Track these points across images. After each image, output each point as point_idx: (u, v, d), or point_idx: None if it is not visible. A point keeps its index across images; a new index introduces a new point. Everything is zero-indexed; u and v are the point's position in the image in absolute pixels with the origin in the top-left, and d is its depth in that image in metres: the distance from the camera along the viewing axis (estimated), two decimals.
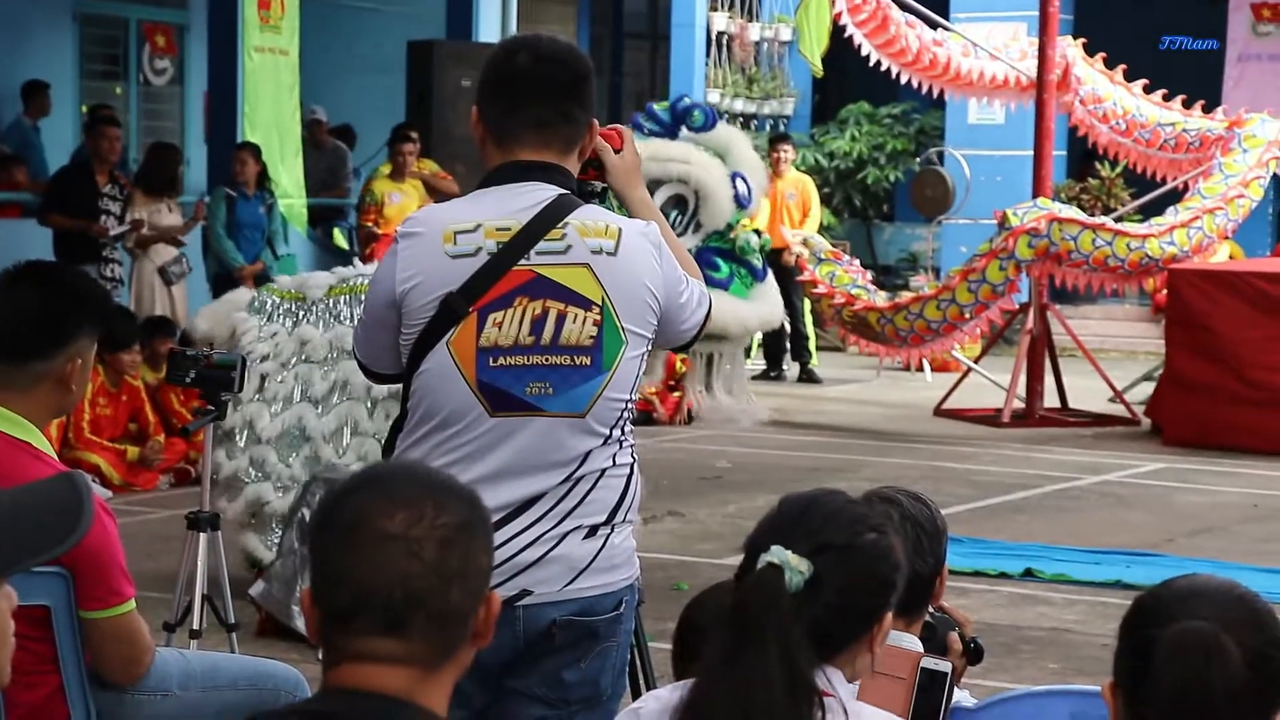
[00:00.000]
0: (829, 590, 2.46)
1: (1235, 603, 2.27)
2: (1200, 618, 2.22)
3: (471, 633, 2.15)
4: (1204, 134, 13.94)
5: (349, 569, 2.10)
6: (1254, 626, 2.25)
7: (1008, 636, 7.38)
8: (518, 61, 3.48)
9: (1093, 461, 11.77)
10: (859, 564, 2.51)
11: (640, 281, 3.43)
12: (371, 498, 2.12)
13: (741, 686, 2.37)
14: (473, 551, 2.13)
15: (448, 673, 2.15)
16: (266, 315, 7.52)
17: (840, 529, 2.51)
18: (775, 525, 2.52)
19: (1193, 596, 2.27)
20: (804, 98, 20.69)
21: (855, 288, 13.48)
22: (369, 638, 2.10)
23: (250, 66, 13.02)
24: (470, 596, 2.13)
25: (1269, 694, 2.23)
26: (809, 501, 2.55)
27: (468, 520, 2.14)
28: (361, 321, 3.57)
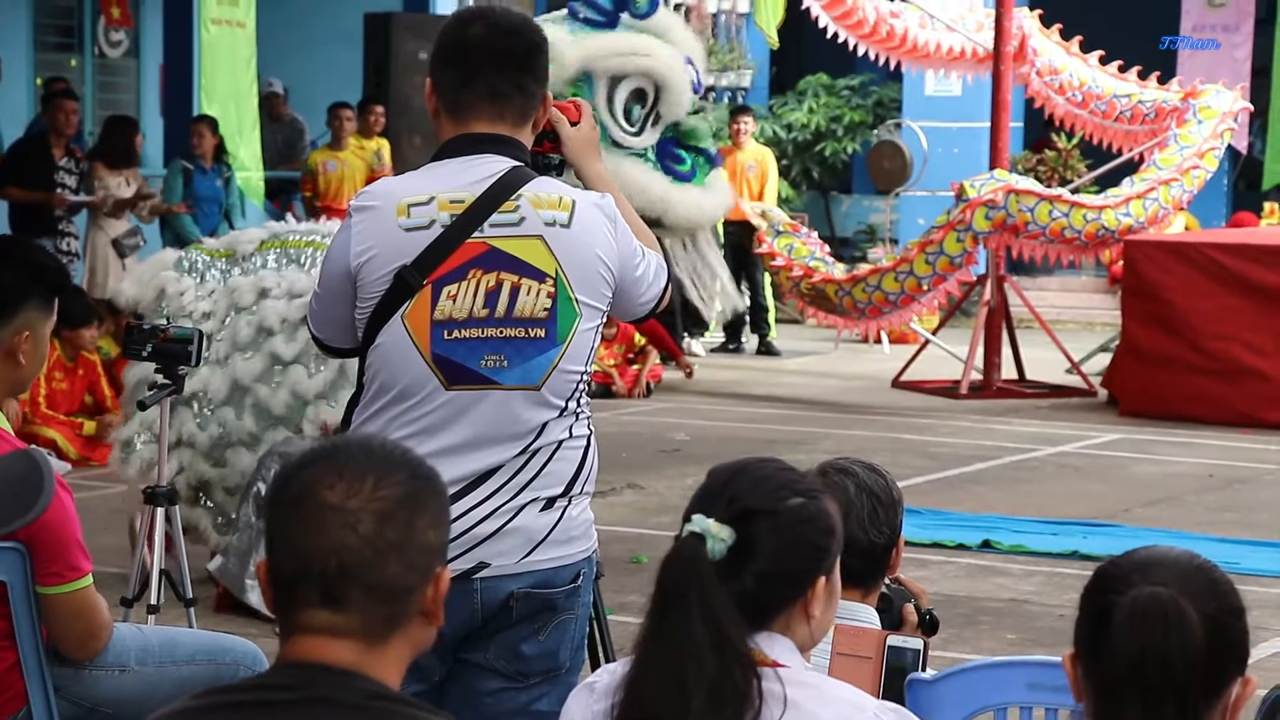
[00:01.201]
0: (757, 557, 2.45)
1: (1194, 571, 2.28)
2: (1160, 584, 2.24)
3: (420, 610, 2.14)
4: (1159, 105, 13.99)
5: (292, 540, 2.12)
6: (1212, 594, 2.26)
7: (966, 608, 7.42)
8: (471, 33, 3.48)
9: (1050, 433, 11.82)
10: (785, 529, 2.48)
11: (594, 253, 3.43)
12: (318, 470, 2.13)
13: (672, 657, 2.37)
14: (415, 527, 2.12)
15: (396, 647, 2.14)
16: (199, 275, 7.36)
17: (765, 495, 2.49)
18: (701, 495, 2.51)
19: (1153, 565, 2.29)
20: (761, 70, 20.68)
21: (813, 260, 13.49)
22: (311, 610, 2.11)
23: (207, 39, 12.93)
24: (411, 572, 2.11)
25: (1225, 661, 2.25)
26: (736, 469, 2.54)
27: (411, 494, 2.13)
28: (316, 295, 3.55)
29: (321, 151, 14.33)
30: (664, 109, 6.77)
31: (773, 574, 2.47)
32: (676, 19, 7.24)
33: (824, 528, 2.52)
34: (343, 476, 2.11)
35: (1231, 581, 2.32)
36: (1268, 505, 9.59)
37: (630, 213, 3.62)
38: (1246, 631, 2.29)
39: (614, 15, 6.85)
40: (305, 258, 7.29)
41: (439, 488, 2.19)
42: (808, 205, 19.70)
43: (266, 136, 14.16)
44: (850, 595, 3.22)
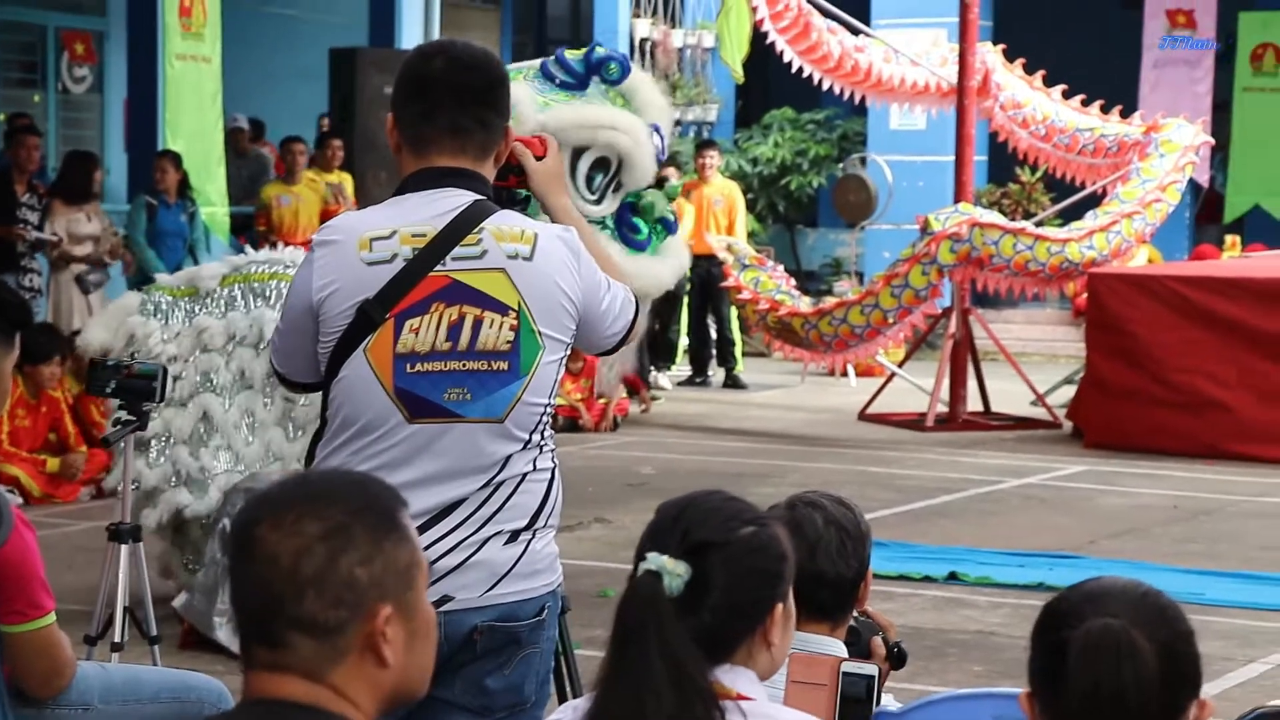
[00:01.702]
0: (713, 589, 2.45)
1: (1142, 600, 2.29)
2: (1111, 616, 2.25)
3: (361, 648, 2.10)
4: (1121, 139, 14.08)
5: (234, 580, 2.14)
6: (1162, 622, 2.27)
7: (933, 640, 7.42)
8: (433, 67, 3.48)
9: (1015, 465, 11.85)
10: (739, 559, 2.48)
11: (556, 286, 3.43)
12: (255, 508, 2.13)
13: (632, 694, 2.36)
14: (336, 563, 2.08)
15: (348, 687, 2.10)
16: (163, 316, 7.35)
17: (716, 527, 2.49)
18: (653, 532, 2.51)
19: (1102, 596, 2.29)
20: (727, 104, 20.75)
21: (779, 293, 13.52)
22: (254, 646, 2.12)
23: (172, 74, 12.92)
24: (334, 607, 2.07)
25: (1179, 687, 2.26)
26: (684, 504, 2.53)
27: (337, 529, 2.09)
28: (279, 330, 3.55)
29: (275, 185, 14.35)
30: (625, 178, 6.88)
31: (731, 605, 2.48)
32: (646, 79, 7.34)
33: (776, 554, 2.53)
34: (272, 513, 2.11)
35: (1178, 607, 2.32)
36: (1231, 536, 9.63)
37: (595, 245, 3.63)
38: (1198, 655, 2.30)
39: (585, 79, 6.93)
40: (270, 291, 7.28)
41: (382, 524, 2.13)
42: (773, 239, 19.75)
43: (231, 171, 14.16)
44: (819, 629, 3.21)
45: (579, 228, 3.61)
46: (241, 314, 7.22)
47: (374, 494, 2.16)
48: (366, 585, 2.09)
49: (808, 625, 3.17)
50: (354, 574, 2.08)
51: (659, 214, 7.05)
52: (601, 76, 7.04)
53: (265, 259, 7.51)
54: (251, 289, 7.29)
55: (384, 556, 2.10)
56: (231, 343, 7.25)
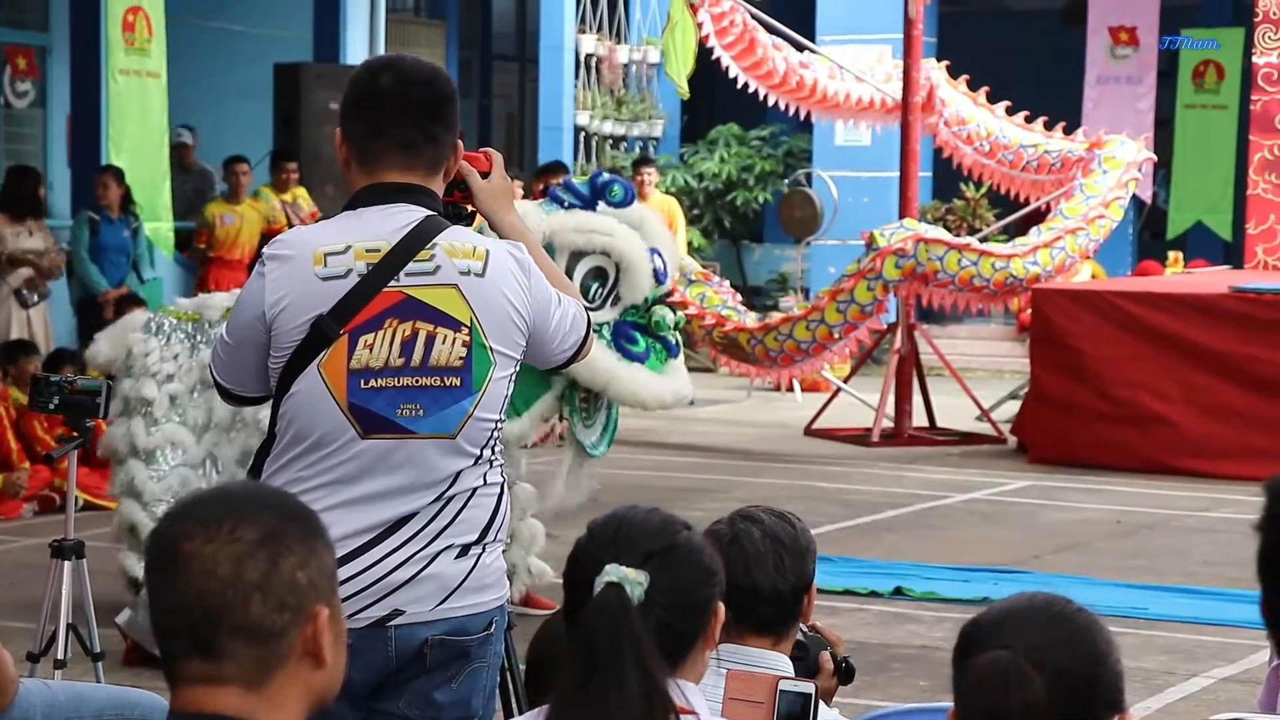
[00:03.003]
0: (661, 594, 2.53)
1: (1048, 624, 2.34)
2: (1006, 645, 2.30)
3: (300, 651, 2.12)
4: (1065, 155, 14.17)
5: (162, 595, 2.13)
6: (1066, 646, 2.32)
7: (878, 655, 7.44)
8: (381, 82, 3.48)
9: (960, 480, 11.90)
10: (683, 561, 2.59)
11: (508, 302, 3.44)
12: (178, 523, 2.13)
13: (599, 708, 2.40)
14: (278, 566, 2.10)
15: (282, 692, 2.12)
16: (165, 337, 7.46)
17: (656, 535, 2.60)
18: (594, 549, 2.57)
19: (1007, 622, 2.35)
20: (673, 119, 20.79)
21: (725, 309, 13.55)
22: (187, 661, 2.11)
23: (115, 89, 12.85)
24: (278, 612, 2.09)
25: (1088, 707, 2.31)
26: (618, 519, 2.63)
27: (274, 534, 2.11)
28: (224, 343, 3.53)
29: (218, 204, 14.34)
30: (624, 290, 7.08)
31: (683, 608, 2.57)
32: (650, 212, 7.60)
33: (710, 554, 2.66)
34: (201, 524, 2.11)
35: (1091, 628, 2.36)
36: (1174, 551, 9.69)
37: (545, 260, 3.63)
38: (1113, 674, 2.34)
39: (592, 201, 7.14)
40: None
41: (309, 528, 2.16)
42: (719, 254, 19.79)
43: (176, 186, 14.10)
44: (761, 643, 3.22)
45: (528, 243, 3.61)
46: None
47: (294, 502, 2.20)
48: (306, 587, 2.11)
49: (750, 639, 3.19)
50: (295, 577, 2.10)
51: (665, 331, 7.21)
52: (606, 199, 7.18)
53: None
54: None
55: (317, 559, 2.14)
56: (202, 385, 7.32)
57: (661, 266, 7.23)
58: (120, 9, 12.75)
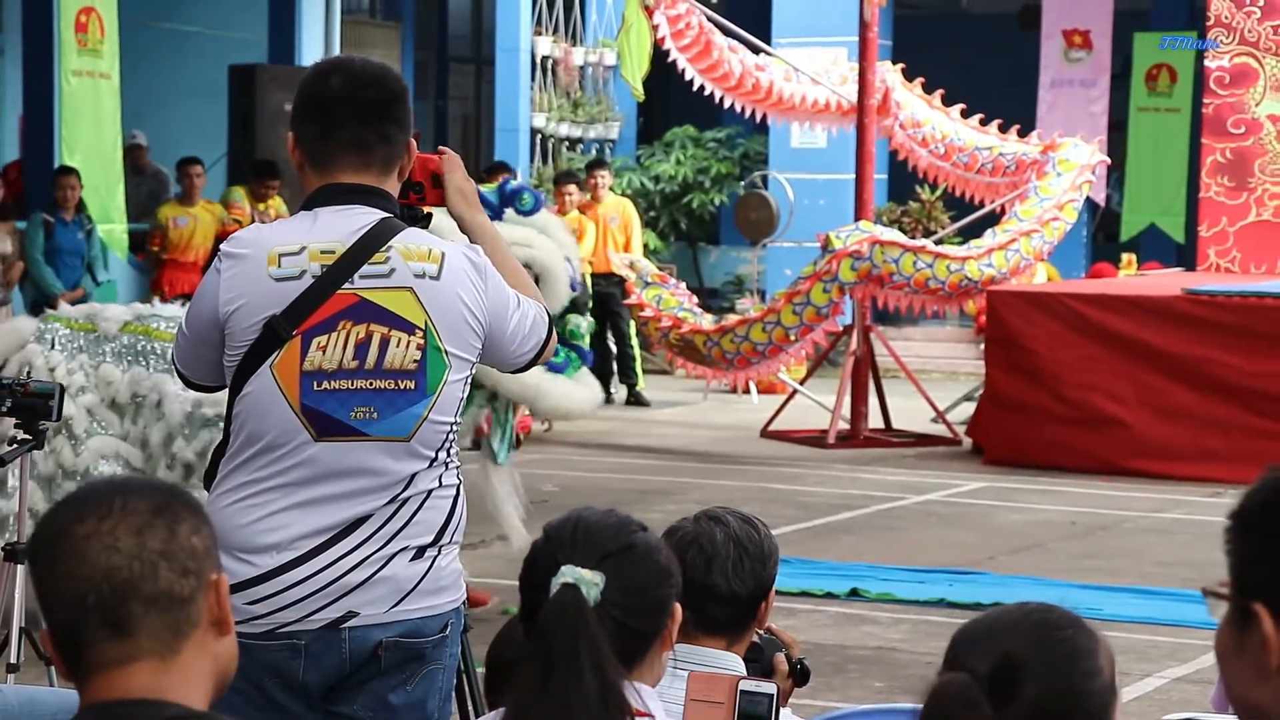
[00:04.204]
0: (618, 595, 2.53)
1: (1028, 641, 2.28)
2: (969, 667, 2.26)
3: (208, 619, 2.14)
4: (1020, 158, 14.23)
5: (57, 586, 2.12)
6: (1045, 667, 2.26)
7: (834, 656, 7.46)
8: (331, 84, 3.48)
9: (916, 481, 11.93)
10: (639, 562, 2.60)
11: (463, 305, 3.43)
12: (63, 515, 2.13)
13: (556, 709, 2.40)
14: (176, 533, 2.12)
15: (192, 662, 2.13)
16: (50, 344, 7.12)
17: (613, 535, 2.60)
18: (551, 550, 2.57)
19: (983, 638, 2.30)
20: (629, 121, 20.79)
21: (681, 311, 13.56)
22: (97, 646, 2.10)
23: (68, 90, 12.79)
24: (184, 577, 2.11)
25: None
26: (575, 520, 2.62)
27: (163, 505, 2.13)
28: (183, 334, 3.53)
29: (171, 206, 14.29)
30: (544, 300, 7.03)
31: (640, 608, 2.57)
32: (555, 218, 7.60)
33: (666, 554, 2.67)
34: (90, 508, 2.12)
35: (1080, 643, 2.30)
36: (1129, 552, 9.74)
37: (506, 261, 3.62)
38: (1094, 707, 2.28)
39: (499, 210, 7.12)
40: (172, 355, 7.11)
41: (190, 499, 2.19)
42: (675, 256, 19.80)
43: (130, 188, 14.04)
44: (715, 643, 3.23)
45: (495, 243, 3.61)
46: (143, 372, 7.05)
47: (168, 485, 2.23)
48: (204, 553, 2.14)
49: (704, 639, 3.19)
50: (192, 543, 2.13)
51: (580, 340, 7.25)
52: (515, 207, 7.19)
53: (169, 315, 7.28)
54: (153, 348, 7.11)
55: (206, 528, 2.17)
56: (133, 402, 7.07)
57: (572, 273, 7.26)
58: (73, 10, 12.69)
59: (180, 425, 6.93)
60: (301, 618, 3.35)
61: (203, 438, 6.94)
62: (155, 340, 7.14)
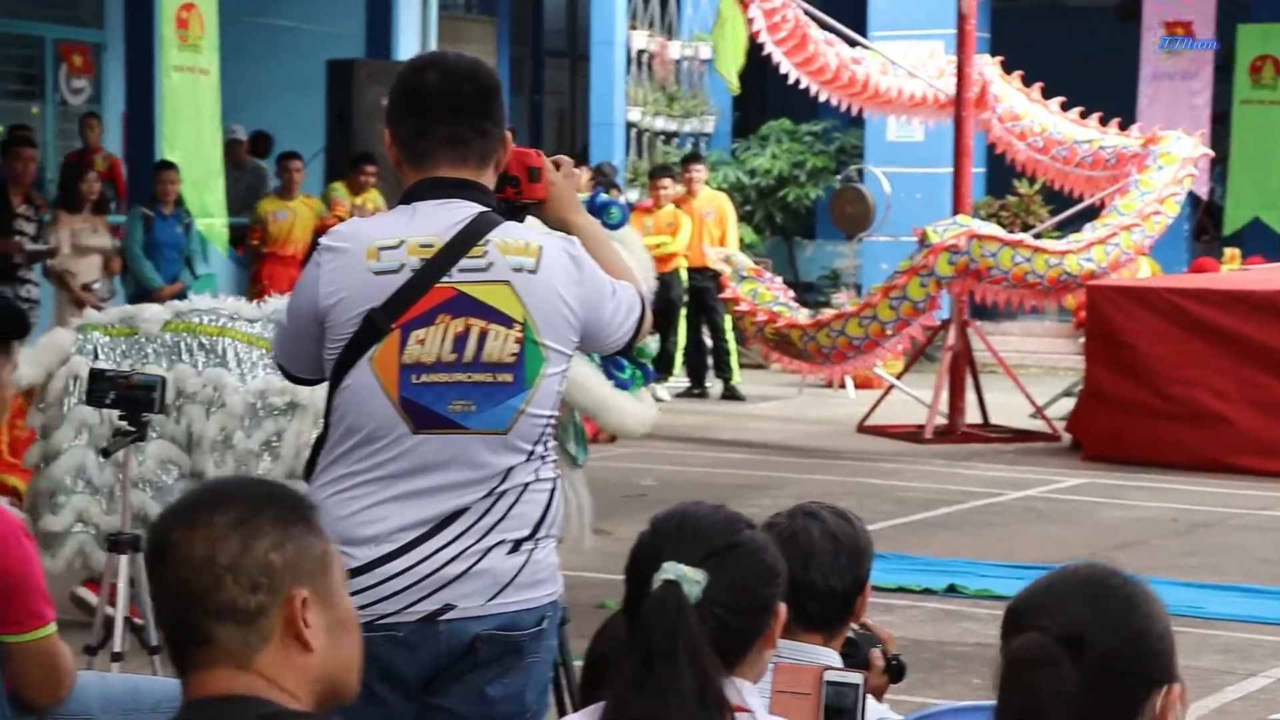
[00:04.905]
0: (721, 593, 2.51)
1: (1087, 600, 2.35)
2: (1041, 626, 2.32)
3: (283, 635, 2.15)
4: (1120, 151, 14.08)
5: (155, 590, 2.21)
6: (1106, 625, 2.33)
7: (932, 652, 7.41)
8: (426, 80, 3.48)
9: (1014, 477, 11.84)
10: (746, 560, 2.57)
11: (560, 299, 3.43)
12: (166, 518, 2.21)
13: (655, 706, 2.39)
14: (250, 548, 2.14)
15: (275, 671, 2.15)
16: (93, 354, 7.01)
17: (720, 532, 2.57)
18: (656, 544, 2.55)
19: (1045, 600, 2.37)
20: (724, 115, 20.76)
21: (777, 305, 13.52)
22: (188, 649, 2.17)
23: (169, 86, 12.93)
24: (252, 592, 2.14)
25: (1130, 686, 2.32)
26: (681, 515, 2.60)
27: (246, 518, 2.16)
28: (282, 327, 3.56)
29: (271, 200, 14.40)
30: None
31: (743, 607, 2.55)
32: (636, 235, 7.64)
33: (774, 554, 2.64)
34: (181, 516, 2.19)
35: (1136, 599, 2.36)
36: (1232, 550, 9.62)
37: (600, 247, 3.61)
38: (1156, 649, 2.35)
39: None
40: (222, 348, 7.00)
41: (290, 514, 2.19)
42: (771, 250, 19.75)
43: (230, 183, 14.17)
44: (812, 639, 3.21)
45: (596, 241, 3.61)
46: (190, 369, 6.96)
47: (278, 490, 2.24)
48: (281, 569, 2.15)
49: (801, 635, 3.18)
50: (268, 558, 2.15)
51: (645, 358, 7.29)
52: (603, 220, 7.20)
53: (207, 308, 7.21)
54: (200, 342, 7.03)
55: (294, 542, 2.17)
56: (181, 398, 6.96)
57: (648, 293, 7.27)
58: (174, 6, 12.83)
59: (240, 417, 6.89)
60: (400, 609, 3.36)
61: (267, 428, 6.90)
62: (199, 335, 7.06)
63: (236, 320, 7.09)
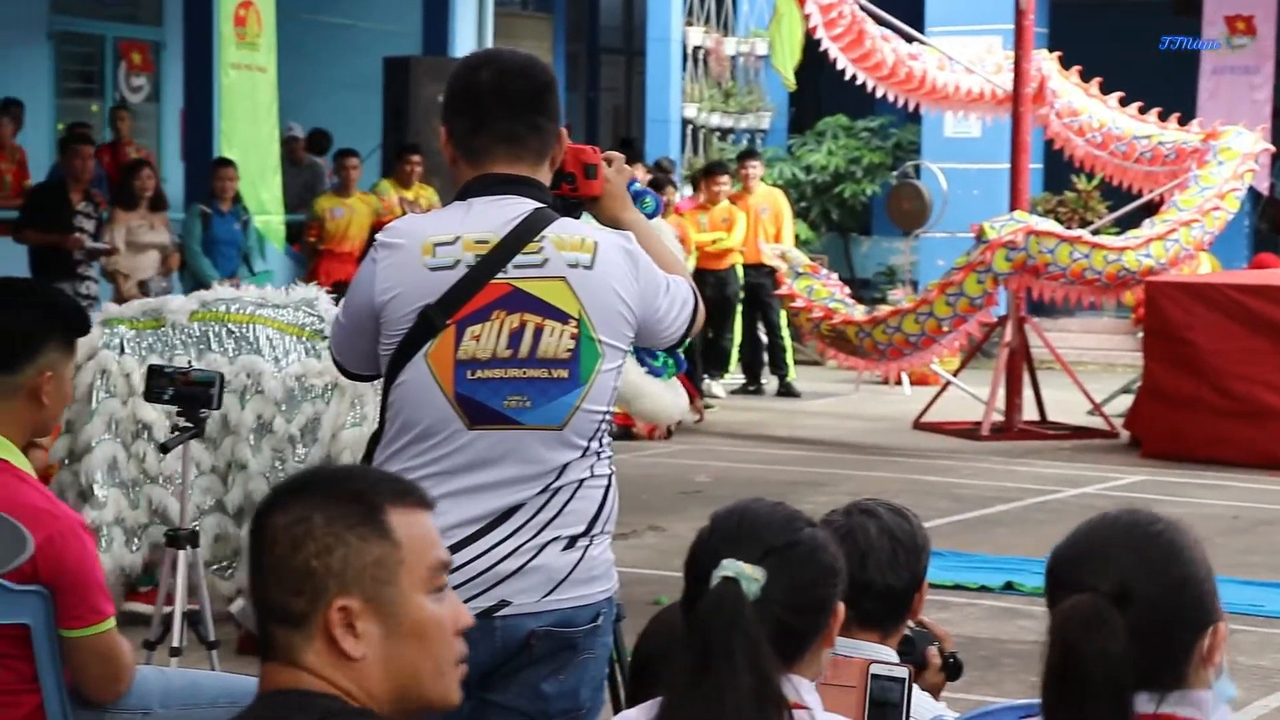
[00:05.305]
0: (780, 592, 2.49)
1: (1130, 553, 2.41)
2: (1089, 585, 2.38)
3: (326, 641, 2.10)
4: (1179, 146, 13.98)
5: None
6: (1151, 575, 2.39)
7: (989, 650, 7.38)
8: (481, 77, 3.49)
9: (1072, 474, 11.78)
10: (805, 559, 2.55)
11: (616, 295, 3.44)
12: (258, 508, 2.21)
13: (711, 703, 2.38)
14: (297, 553, 2.10)
15: (330, 674, 2.11)
16: (119, 349, 6.92)
17: (780, 530, 2.56)
18: (715, 541, 2.54)
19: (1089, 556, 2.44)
20: (780, 111, 20.73)
21: (833, 301, 13.49)
22: (261, 639, 2.17)
23: (227, 83, 13.00)
24: (295, 596, 2.10)
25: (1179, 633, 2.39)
26: (741, 511, 2.59)
27: (298, 519, 2.11)
28: (339, 324, 3.57)
29: (328, 198, 14.44)
30: None
31: (804, 606, 2.54)
32: (668, 226, 7.62)
33: (833, 552, 2.62)
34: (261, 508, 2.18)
35: (1176, 545, 2.43)
36: None
37: (652, 242, 3.62)
38: (1198, 594, 2.42)
39: None
40: (254, 334, 6.94)
41: (343, 515, 2.12)
42: (827, 247, 19.71)
43: (287, 180, 14.24)
44: (869, 636, 3.20)
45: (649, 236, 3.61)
46: (222, 357, 6.87)
47: (354, 489, 2.15)
48: (324, 576, 2.09)
49: (858, 633, 3.16)
50: (310, 565, 2.09)
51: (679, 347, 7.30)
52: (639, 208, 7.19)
53: (231, 297, 7.15)
54: (229, 330, 6.97)
55: (347, 549, 2.10)
56: None
57: None
58: (232, 5, 12.90)
59: (278, 402, 6.87)
60: None
61: (305, 411, 6.89)
62: (228, 323, 7.01)
63: (264, 307, 7.08)
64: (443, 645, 2.17)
